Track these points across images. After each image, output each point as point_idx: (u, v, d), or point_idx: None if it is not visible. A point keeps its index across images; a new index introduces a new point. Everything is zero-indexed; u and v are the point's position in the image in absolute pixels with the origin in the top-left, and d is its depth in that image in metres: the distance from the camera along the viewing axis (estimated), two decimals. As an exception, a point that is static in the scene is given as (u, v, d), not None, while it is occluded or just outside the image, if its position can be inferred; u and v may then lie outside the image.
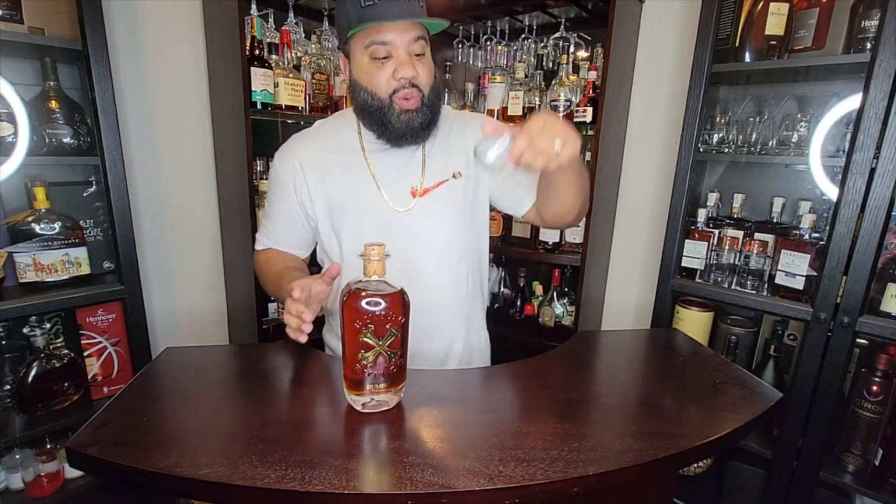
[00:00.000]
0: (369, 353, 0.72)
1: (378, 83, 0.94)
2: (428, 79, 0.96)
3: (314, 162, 1.06)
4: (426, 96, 0.97)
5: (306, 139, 1.10)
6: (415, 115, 0.96)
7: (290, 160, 1.06)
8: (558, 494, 0.64)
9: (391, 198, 1.04)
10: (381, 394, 0.76)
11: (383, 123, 0.97)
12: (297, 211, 1.09)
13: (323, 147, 1.07)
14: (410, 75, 0.93)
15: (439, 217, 1.05)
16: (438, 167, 1.06)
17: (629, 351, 1.10)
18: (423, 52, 0.95)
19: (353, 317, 0.72)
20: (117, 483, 1.41)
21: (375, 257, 0.72)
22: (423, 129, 0.99)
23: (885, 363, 1.27)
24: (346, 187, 1.04)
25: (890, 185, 1.16)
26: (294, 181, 1.06)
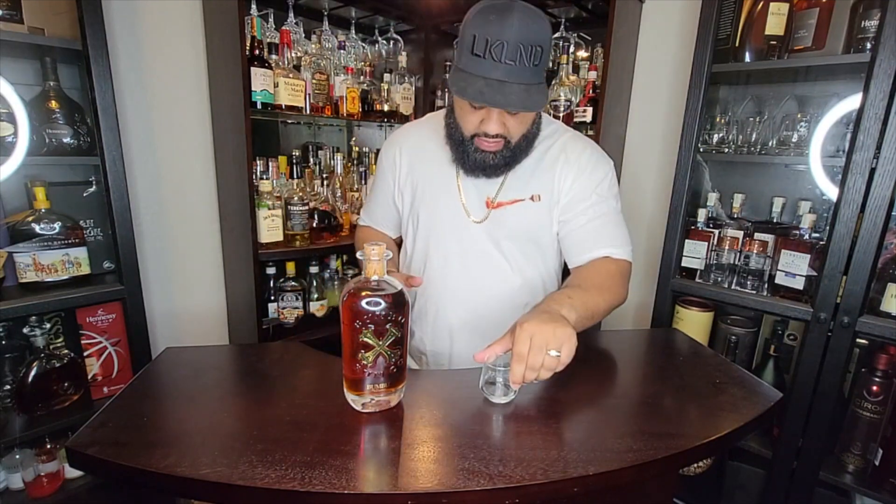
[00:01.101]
0: (369, 353, 0.72)
1: (465, 123, 0.95)
2: (519, 129, 0.95)
3: (412, 149, 1.13)
4: (513, 143, 0.96)
5: (411, 129, 1.18)
6: (489, 155, 0.96)
7: (394, 146, 1.15)
8: (558, 494, 0.64)
9: (469, 203, 1.07)
10: (381, 394, 0.76)
11: (461, 153, 0.99)
12: (390, 192, 1.18)
13: (424, 137, 1.12)
14: (495, 132, 0.92)
15: (506, 234, 1.06)
16: (519, 184, 1.05)
17: (629, 351, 1.10)
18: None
19: (352, 317, 0.71)
20: (117, 483, 1.41)
21: (375, 257, 0.72)
22: (496, 169, 0.99)
23: (885, 363, 1.27)
24: (433, 181, 1.09)
25: (890, 185, 1.16)
26: (392, 166, 1.15)
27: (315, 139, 2.16)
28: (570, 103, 1.84)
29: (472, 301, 1.09)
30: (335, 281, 1.99)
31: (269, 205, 1.68)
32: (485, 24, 0.82)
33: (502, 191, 1.05)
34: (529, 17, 0.83)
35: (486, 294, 1.09)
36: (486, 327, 1.09)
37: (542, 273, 1.12)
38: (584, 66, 1.91)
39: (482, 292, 1.09)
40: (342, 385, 0.78)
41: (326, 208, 1.86)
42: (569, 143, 1.06)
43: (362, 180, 2.06)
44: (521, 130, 0.96)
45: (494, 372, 0.82)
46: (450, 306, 1.10)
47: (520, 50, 0.82)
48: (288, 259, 1.80)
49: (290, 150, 1.96)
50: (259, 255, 1.68)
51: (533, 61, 0.84)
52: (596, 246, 1.03)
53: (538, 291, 1.12)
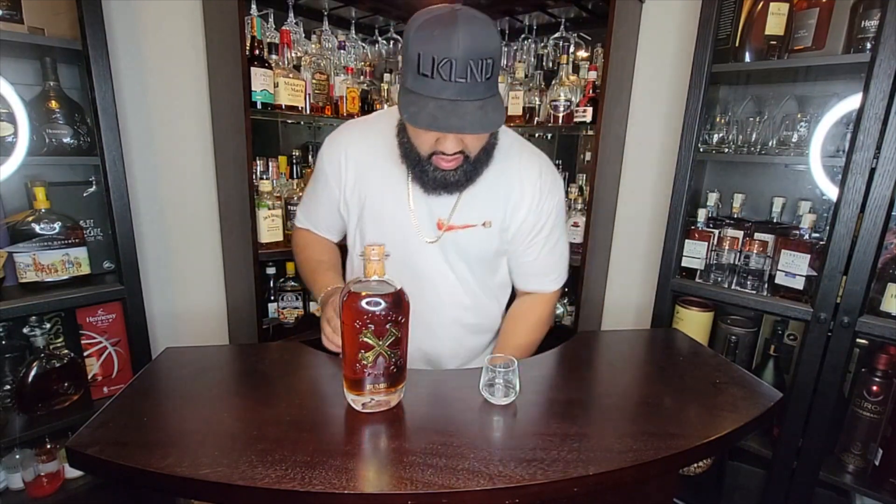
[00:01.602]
0: (369, 354, 0.72)
1: (420, 143, 0.90)
2: (477, 146, 0.91)
3: (360, 157, 1.04)
4: (471, 158, 0.92)
5: (358, 131, 1.07)
6: (452, 173, 0.92)
7: (338, 150, 1.05)
8: (558, 494, 0.64)
9: (421, 224, 1.02)
10: (381, 394, 0.76)
11: (419, 171, 0.94)
12: (334, 199, 1.09)
13: (373, 146, 1.03)
14: (452, 151, 0.87)
15: (458, 256, 1.05)
16: (472, 209, 1.02)
17: (629, 351, 1.10)
18: None
19: (353, 317, 0.71)
20: (117, 483, 1.41)
21: (375, 257, 0.72)
22: (458, 184, 0.95)
23: (885, 363, 1.27)
24: (382, 196, 1.03)
25: (890, 185, 1.16)
26: (337, 171, 1.05)
27: (315, 139, 2.16)
28: (570, 103, 1.84)
29: (425, 322, 1.06)
30: (335, 281, 1.99)
31: (269, 205, 1.68)
32: (429, 41, 0.76)
33: (455, 213, 1.01)
34: (476, 28, 0.76)
35: (439, 315, 1.08)
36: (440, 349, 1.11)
37: (493, 290, 1.13)
38: (584, 66, 1.91)
39: (435, 313, 1.07)
40: (342, 385, 0.78)
41: (326, 208, 1.86)
42: (524, 167, 1.03)
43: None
44: (479, 145, 0.91)
45: (495, 373, 0.82)
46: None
47: (469, 66, 0.76)
48: (288, 259, 1.81)
49: (290, 150, 1.97)
50: (259, 255, 1.68)
51: (485, 75, 0.78)
52: (546, 279, 1.12)
53: (489, 310, 1.14)
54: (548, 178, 1.05)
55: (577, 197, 1.91)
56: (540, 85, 1.98)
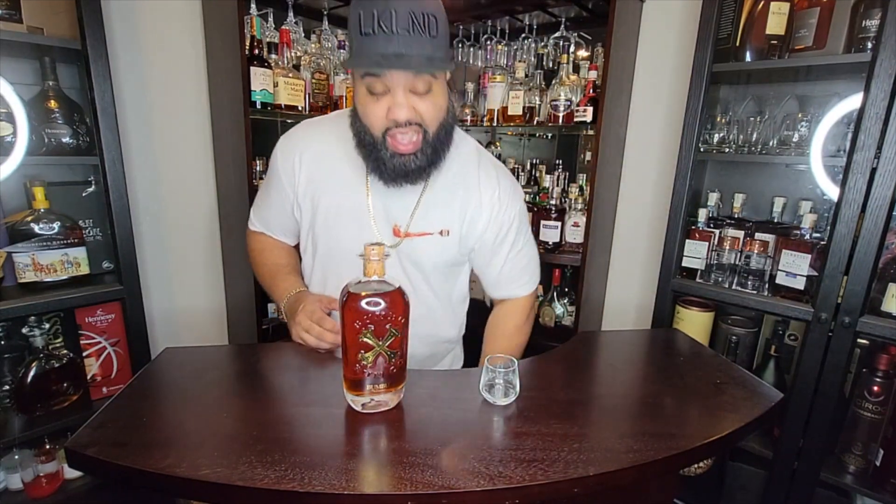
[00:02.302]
0: (369, 354, 0.72)
1: (372, 119, 0.86)
2: (433, 115, 0.86)
3: (314, 159, 1.00)
4: (430, 135, 0.88)
5: (314, 131, 1.04)
6: (409, 158, 0.88)
7: (292, 153, 1.02)
8: (558, 495, 0.64)
9: (381, 230, 1.00)
10: (381, 394, 0.76)
11: (376, 160, 0.89)
12: (288, 203, 1.05)
13: (328, 151, 1.00)
14: (405, 118, 0.83)
15: (416, 262, 1.02)
16: (430, 218, 1.00)
17: (629, 351, 1.10)
18: (429, 88, 0.84)
19: (352, 317, 0.71)
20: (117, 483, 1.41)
21: (375, 257, 0.72)
22: (419, 172, 0.91)
23: (885, 363, 1.27)
24: (338, 201, 1.00)
25: (891, 185, 1.16)
26: (290, 175, 1.02)
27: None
28: (570, 103, 1.84)
29: None
30: (335, 281, 1.98)
31: (268, 205, 1.68)
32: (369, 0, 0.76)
33: (412, 222, 0.99)
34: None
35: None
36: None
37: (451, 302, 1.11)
38: (585, 65, 1.91)
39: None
40: (342, 385, 0.78)
41: (326, 208, 1.85)
42: (483, 177, 1.02)
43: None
44: (435, 116, 0.86)
45: (495, 373, 0.82)
46: None
47: (411, 18, 0.75)
48: (288, 259, 1.80)
49: (289, 149, 1.96)
50: (259, 255, 1.67)
51: (430, 31, 0.77)
52: (514, 285, 1.12)
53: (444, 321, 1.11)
54: (507, 188, 1.03)
55: (578, 197, 1.90)
56: (540, 84, 1.98)
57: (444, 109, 0.89)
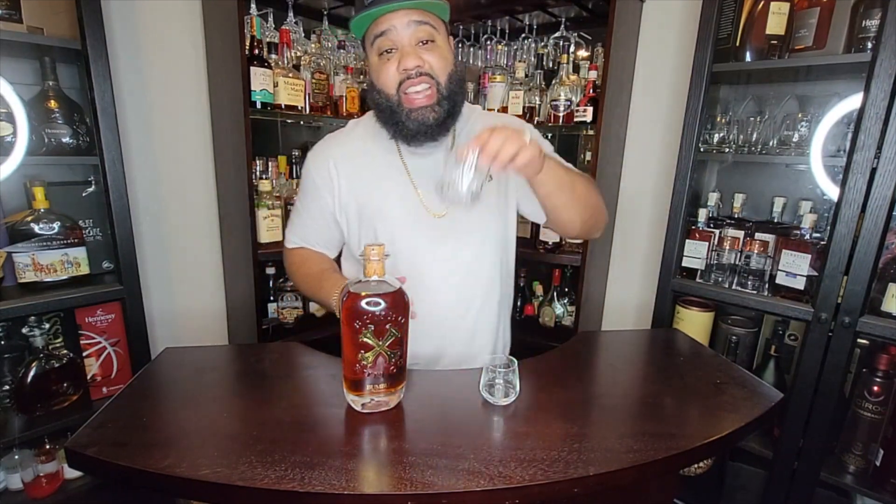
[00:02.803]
0: (369, 354, 0.72)
1: (385, 79, 0.91)
2: (441, 66, 0.90)
3: (348, 164, 1.03)
4: (442, 86, 0.91)
5: (341, 139, 1.08)
6: (427, 111, 0.91)
7: (324, 160, 1.04)
8: (558, 495, 0.64)
9: (428, 202, 1.01)
10: (381, 394, 0.76)
11: (395, 123, 0.94)
12: (328, 211, 1.07)
13: (358, 149, 1.04)
14: (414, 64, 0.88)
15: (473, 221, 1.03)
16: None
17: (629, 351, 1.10)
18: (433, 39, 0.90)
19: (352, 317, 0.71)
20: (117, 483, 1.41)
21: (375, 257, 0.72)
22: (438, 126, 0.94)
23: (885, 363, 1.27)
24: (382, 190, 1.02)
25: (891, 185, 1.16)
26: (327, 182, 1.04)
27: (315, 139, 2.14)
28: (570, 103, 1.84)
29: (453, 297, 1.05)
30: (335, 281, 1.98)
31: (268, 205, 1.68)
32: None
33: None
34: None
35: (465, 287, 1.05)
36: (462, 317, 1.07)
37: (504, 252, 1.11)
38: (585, 65, 1.91)
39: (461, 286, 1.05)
40: (342, 385, 0.78)
41: (326, 208, 1.85)
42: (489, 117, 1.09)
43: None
44: (443, 66, 0.91)
45: (495, 373, 0.82)
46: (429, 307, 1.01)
47: None
48: (288, 259, 1.80)
49: (289, 149, 1.96)
50: (259, 255, 1.68)
51: None
52: None
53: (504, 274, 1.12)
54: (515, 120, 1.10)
55: (578, 197, 1.90)
56: (540, 84, 1.98)
57: (450, 61, 0.93)
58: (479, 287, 1.07)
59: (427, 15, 0.89)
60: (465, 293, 1.05)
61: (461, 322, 1.07)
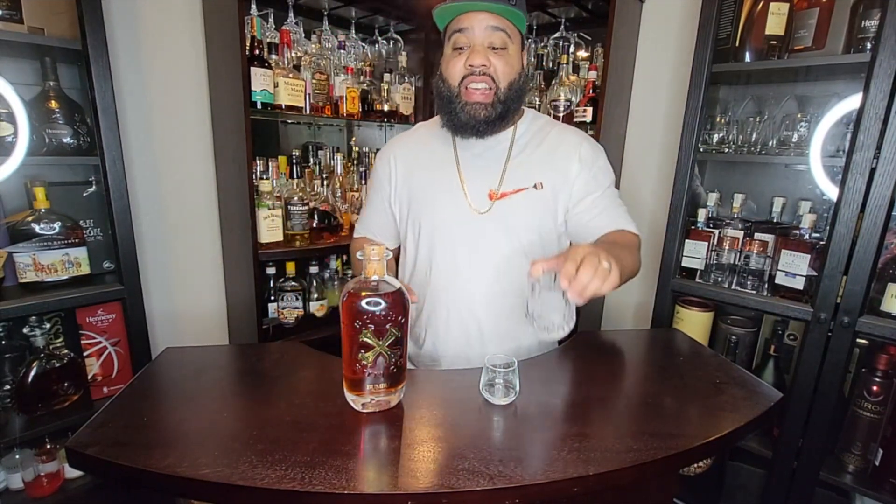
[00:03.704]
0: (369, 354, 0.72)
1: (452, 71, 0.98)
2: (505, 72, 0.97)
3: (407, 156, 1.14)
4: (501, 91, 0.97)
5: (404, 137, 1.19)
6: (480, 107, 0.98)
7: (387, 155, 1.16)
8: (558, 494, 0.64)
9: (473, 198, 1.06)
10: (381, 394, 0.76)
11: (450, 112, 1.00)
12: (386, 199, 1.17)
13: (418, 143, 1.14)
14: (480, 63, 0.94)
15: (512, 224, 1.05)
16: (521, 174, 1.06)
17: (629, 351, 1.10)
18: (504, 47, 0.96)
19: (352, 317, 0.71)
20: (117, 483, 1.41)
21: (375, 257, 0.72)
22: (486, 124, 1.00)
23: (885, 363, 1.27)
24: (433, 182, 1.09)
25: (890, 185, 1.16)
26: (387, 172, 1.15)
27: (315, 139, 2.16)
28: (570, 103, 1.84)
29: (484, 294, 1.08)
30: (335, 281, 1.98)
31: (269, 205, 1.68)
32: None
33: (504, 182, 1.06)
34: None
35: (496, 286, 1.07)
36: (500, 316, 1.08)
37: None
38: (584, 65, 1.91)
39: (493, 285, 1.07)
40: (342, 385, 0.78)
41: (326, 208, 1.86)
42: (565, 135, 1.11)
43: (362, 180, 2.06)
44: (506, 72, 0.97)
45: (495, 373, 0.82)
46: (462, 302, 1.09)
47: None
48: (288, 259, 1.80)
49: (290, 150, 1.96)
50: (259, 255, 1.68)
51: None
52: (619, 222, 1.08)
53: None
54: (591, 144, 1.11)
55: (577, 197, 1.90)
56: (540, 85, 1.98)
57: (516, 70, 0.99)
58: (510, 285, 1.08)
59: (505, 22, 0.95)
60: (496, 289, 1.08)
61: (491, 318, 1.09)
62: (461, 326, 1.10)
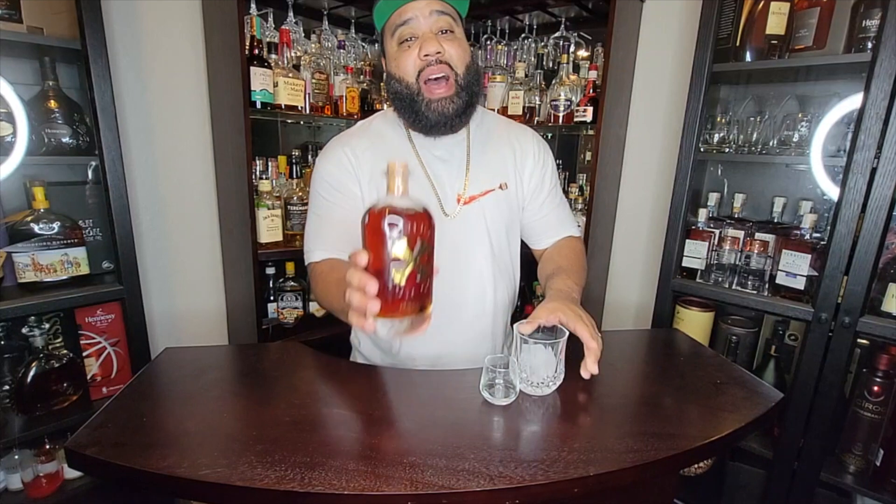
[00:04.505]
0: (400, 271, 0.65)
1: (406, 67, 0.92)
2: (460, 56, 0.92)
3: (365, 156, 1.00)
4: (460, 77, 0.93)
5: (352, 136, 1.04)
6: (447, 102, 0.92)
7: (340, 154, 1.00)
8: (559, 495, 0.64)
9: (445, 201, 1.02)
10: (410, 316, 0.69)
11: (414, 111, 0.94)
12: (354, 202, 1.00)
13: (373, 143, 1.02)
14: (434, 49, 0.89)
15: (483, 226, 1.04)
16: (485, 175, 1.04)
17: (629, 351, 1.10)
18: (452, 30, 0.92)
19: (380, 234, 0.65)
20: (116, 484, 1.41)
21: (399, 172, 0.67)
22: (457, 117, 0.95)
23: (886, 363, 1.27)
24: None
25: (891, 185, 1.16)
26: (349, 172, 1.00)
27: (315, 139, 2.16)
28: (570, 103, 1.84)
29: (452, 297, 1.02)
30: (335, 281, 1.98)
31: (268, 205, 1.68)
32: None
33: (469, 184, 1.03)
34: None
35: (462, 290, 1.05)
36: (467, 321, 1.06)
37: (510, 262, 1.11)
38: (585, 65, 1.91)
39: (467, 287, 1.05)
40: (342, 382, 0.78)
41: (326, 208, 1.85)
42: (517, 133, 1.10)
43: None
44: (461, 56, 0.92)
45: (495, 373, 0.82)
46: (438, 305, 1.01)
47: None
48: (287, 259, 1.80)
49: (289, 149, 1.96)
50: (258, 255, 1.68)
51: None
52: (560, 230, 1.14)
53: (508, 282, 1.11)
54: (539, 141, 1.11)
55: (578, 197, 1.90)
56: (540, 84, 1.98)
57: (468, 52, 0.95)
58: (480, 294, 1.07)
59: (447, 6, 0.91)
60: (470, 292, 1.06)
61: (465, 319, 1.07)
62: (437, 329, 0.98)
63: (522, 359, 0.83)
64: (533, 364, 0.82)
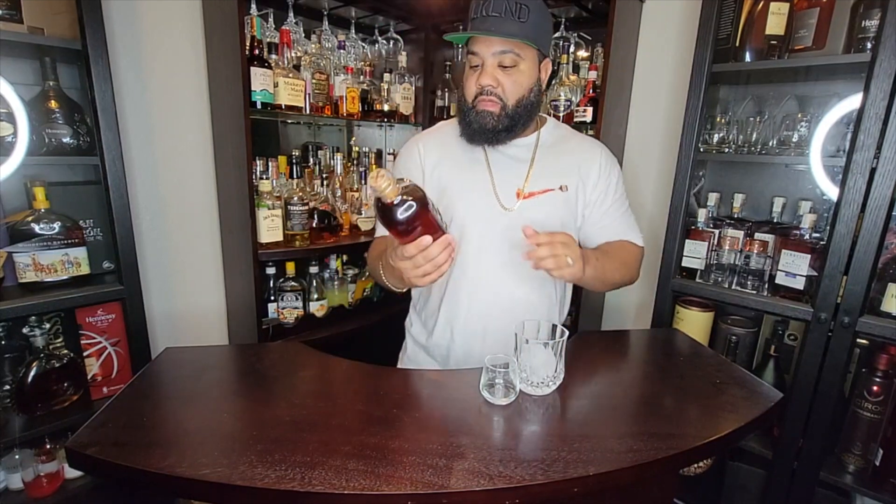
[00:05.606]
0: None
1: (467, 88, 1.05)
2: (513, 90, 1.02)
3: (434, 149, 1.16)
4: (509, 108, 1.03)
5: (430, 131, 1.22)
6: (489, 116, 1.03)
7: (413, 147, 1.18)
8: (558, 495, 0.64)
9: (502, 194, 1.10)
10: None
11: (466, 122, 1.07)
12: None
13: (444, 138, 1.17)
14: (487, 83, 1.01)
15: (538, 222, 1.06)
16: (546, 176, 1.11)
17: (629, 351, 1.10)
18: (514, 65, 1.00)
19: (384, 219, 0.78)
20: (117, 483, 1.41)
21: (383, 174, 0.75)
22: (494, 133, 1.05)
23: (885, 363, 1.27)
24: (463, 178, 1.12)
25: (890, 185, 1.16)
26: (416, 162, 1.16)
27: (315, 139, 2.16)
28: (570, 103, 1.84)
29: (504, 288, 1.11)
30: (335, 281, 1.98)
31: (268, 205, 1.68)
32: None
33: (529, 181, 1.10)
34: None
35: (517, 282, 1.11)
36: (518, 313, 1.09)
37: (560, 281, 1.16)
38: (585, 65, 1.91)
39: (514, 281, 1.11)
40: (342, 382, 0.78)
41: (326, 208, 1.86)
42: (585, 143, 1.18)
43: (362, 180, 2.05)
44: (514, 90, 1.02)
45: (495, 373, 0.82)
46: (482, 294, 1.11)
47: (505, 4, 0.95)
48: (288, 259, 1.80)
49: (289, 150, 1.96)
50: (259, 255, 1.68)
51: (519, 17, 0.95)
52: (621, 235, 1.18)
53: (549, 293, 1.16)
54: (609, 154, 1.18)
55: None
56: (540, 85, 1.98)
57: (525, 88, 1.04)
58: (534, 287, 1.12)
59: (513, 44, 0.99)
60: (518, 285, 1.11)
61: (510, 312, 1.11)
62: (479, 316, 1.12)
63: (522, 359, 0.83)
64: (533, 364, 0.82)
